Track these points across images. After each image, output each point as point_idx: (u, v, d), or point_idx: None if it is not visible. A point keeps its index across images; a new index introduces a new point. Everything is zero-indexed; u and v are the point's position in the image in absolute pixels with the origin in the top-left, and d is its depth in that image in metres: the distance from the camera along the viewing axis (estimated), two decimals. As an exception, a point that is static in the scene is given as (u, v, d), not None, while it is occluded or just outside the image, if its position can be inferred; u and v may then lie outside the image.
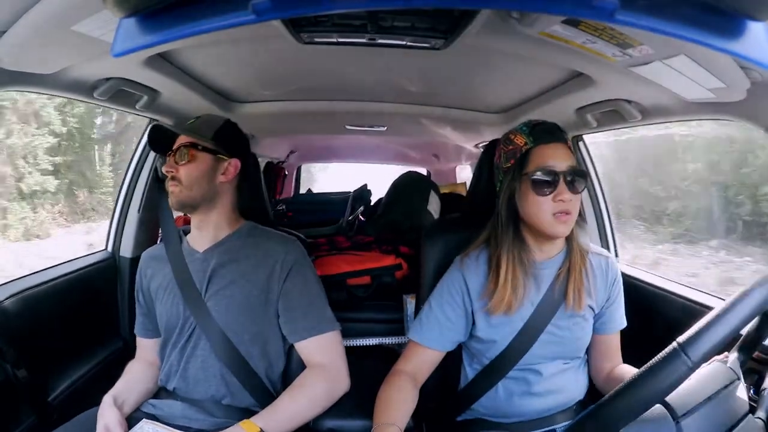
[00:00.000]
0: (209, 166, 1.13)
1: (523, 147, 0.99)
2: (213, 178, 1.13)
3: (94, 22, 0.78)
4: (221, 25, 0.49)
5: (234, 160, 1.16)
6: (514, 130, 1.03)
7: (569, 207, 0.96)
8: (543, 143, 0.97)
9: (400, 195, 2.57)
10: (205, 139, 1.14)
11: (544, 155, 0.97)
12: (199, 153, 1.12)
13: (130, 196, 1.74)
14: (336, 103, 1.82)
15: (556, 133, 0.99)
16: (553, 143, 0.97)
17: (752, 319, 0.71)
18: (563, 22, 0.76)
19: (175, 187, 1.11)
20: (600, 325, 1.09)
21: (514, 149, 1.00)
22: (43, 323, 1.32)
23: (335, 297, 1.91)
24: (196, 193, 1.11)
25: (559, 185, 0.95)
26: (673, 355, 0.63)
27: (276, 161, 3.55)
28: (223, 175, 1.14)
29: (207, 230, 1.15)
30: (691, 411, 0.66)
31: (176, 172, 1.11)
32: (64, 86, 1.14)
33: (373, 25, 0.94)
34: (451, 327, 1.06)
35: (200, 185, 1.11)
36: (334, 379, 1.09)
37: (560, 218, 0.96)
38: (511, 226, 1.02)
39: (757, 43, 0.50)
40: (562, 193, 0.95)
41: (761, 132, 1.00)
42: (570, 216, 0.97)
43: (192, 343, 1.10)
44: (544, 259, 1.05)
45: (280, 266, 1.12)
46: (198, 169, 1.11)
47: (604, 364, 1.10)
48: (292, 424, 1.01)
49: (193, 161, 1.11)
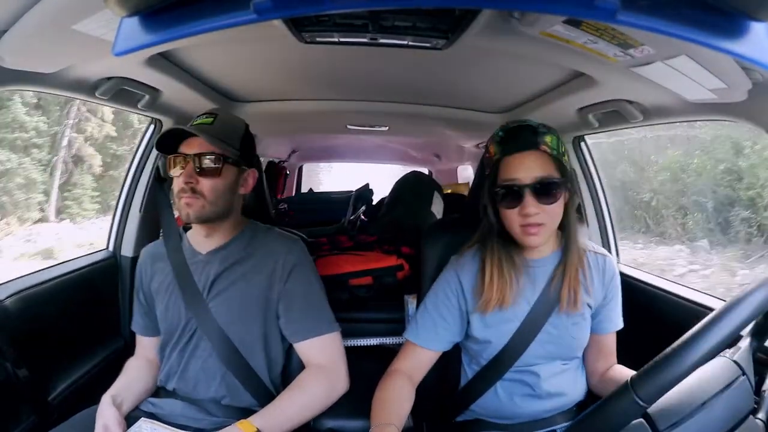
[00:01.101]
0: (234, 179, 1.08)
1: (494, 157, 0.98)
2: (235, 191, 1.09)
3: (95, 22, 0.78)
4: (222, 25, 0.49)
5: (252, 170, 1.13)
6: (493, 136, 1.02)
7: (536, 219, 0.94)
8: (509, 154, 0.96)
9: (403, 195, 2.57)
10: (234, 149, 1.05)
11: (510, 167, 0.95)
12: (227, 165, 1.05)
13: (131, 195, 1.74)
14: (337, 102, 1.82)
15: (527, 140, 0.96)
16: (520, 153, 0.95)
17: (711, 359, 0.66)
18: (564, 22, 0.76)
19: (194, 200, 1.02)
20: (595, 324, 1.09)
21: (489, 158, 1.00)
22: (44, 323, 1.32)
23: (337, 297, 1.92)
24: (221, 208, 1.06)
25: (525, 198, 0.93)
26: (624, 394, 0.62)
27: (278, 161, 3.56)
28: (242, 187, 1.11)
29: (214, 236, 1.13)
30: (677, 423, 0.64)
31: (197, 184, 1.02)
32: (66, 85, 1.14)
33: (374, 25, 0.94)
34: (446, 327, 1.06)
35: (225, 199, 1.06)
36: (334, 379, 1.08)
37: (528, 231, 0.95)
38: (495, 229, 1.02)
39: (758, 43, 0.50)
40: (527, 207, 0.93)
41: (762, 132, 1.00)
42: (541, 227, 0.95)
43: (193, 345, 1.10)
44: (537, 257, 1.05)
45: (282, 266, 1.11)
46: (225, 183, 1.05)
47: (598, 365, 1.10)
48: (291, 425, 1.01)
49: (221, 174, 1.03)
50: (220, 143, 1.02)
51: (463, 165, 3.60)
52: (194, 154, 1.02)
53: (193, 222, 1.07)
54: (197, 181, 1.02)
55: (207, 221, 1.07)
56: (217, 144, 1.02)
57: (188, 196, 1.02)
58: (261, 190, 1.37)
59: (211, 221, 1.08)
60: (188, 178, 1.02)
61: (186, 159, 1.03)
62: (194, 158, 1.02)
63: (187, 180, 1.02)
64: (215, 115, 1.08)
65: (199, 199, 1.03)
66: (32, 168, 8.87)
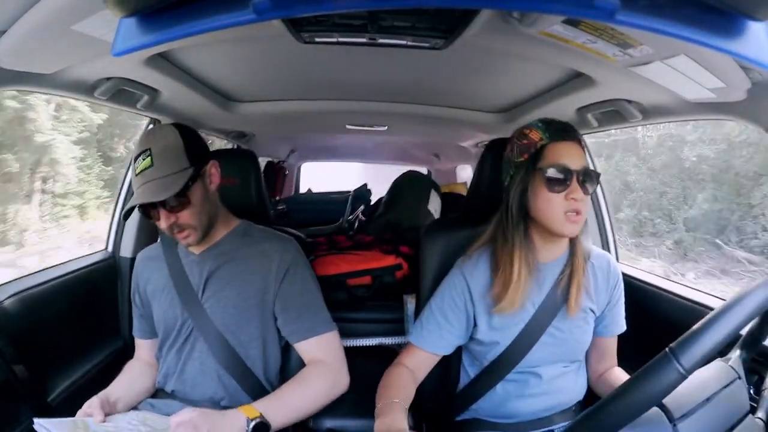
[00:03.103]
0: (202, 190, 1.06)
1: (539, 142, 0.97)
2: (209, 196, 1.08)
3: (94, 22, 0.77)
4: (221, 25, 0.49)
5: (211, 163, 1.09)
6: (529, 126, 1.01)
7: (580, 206, 0.95)
8: (558, 140, 0.96)
9: (400, 194, 2.57)
10: (185, 170, 1.01)
11: (559, 152, 0.96)
12: (191, 189, 1.02)
13: (130, 196, 1.73)
14: (336, 102, 1.82)
15: (572, 132, 0.98)
16: (568, 141, 0.97)
17: (750, 321, 0.70)
18: (564, 22, 0.76)
19: (184, 232, 1.04)
20: (601, 328, 1.09)
21: (528, 144, 0.98)
22: (43, 323, 1.32)
23: (336, 297, 1.92)
24: (208, 219, 1.07)
25: (572, 184, 0.94)
26: (664, 360, 0.62)
27: (276, 160, 3.55)
28: (211, 185, 1.10)
29: (206, 236, 1.12)
30: (688, 413, 0.65)
31: (177, 221, 1.02)
32: (65, 86, 1.14)
33: (373, 25, 0.94)
34: (451, 330, 1.05)
35: (206, 211, 1.07)
36: (335, 375, 1.08)
37: (571, 218, 0.95)
38: (521, 223, 1.01)
39: (757, 43, 0.50)
40: (575, 192, 0.94)
41: (762, 132, 1.00)
42: (580, 216, 0.96)
43: (189, 345, 1.10)
44: (547, 260, 1.04)
45: (277, 266, 1.11)
46: (197, 202, 1.04)
47: (598, 366, 1.11)
48: (292, 416, 1.01)
49: (191, 201, 1.02)
50: (172, 184, 0.98)
51: (461, 165, 3.60)
52: (159, 202, 1.00)
53: (195, 245, 1.09)
54: (176, 218, 1.02)
55: (206, 235, 1.09)
56: (171, 186, 0.98)
57: (177, 232, 1.04)
58: (260, 191, 1.37)
59: (208, 233, 1.09)
60: (167, 221, 1.02)
61: (155, 207, 1.02)
62: (160, 205, 1.01)
63: (167, 224, 1.02)
64: (148, 151, 1.00)
65: (187, 229, 1.04)
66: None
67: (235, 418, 0.91)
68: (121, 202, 1.74)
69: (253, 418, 0.92)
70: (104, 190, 7.52)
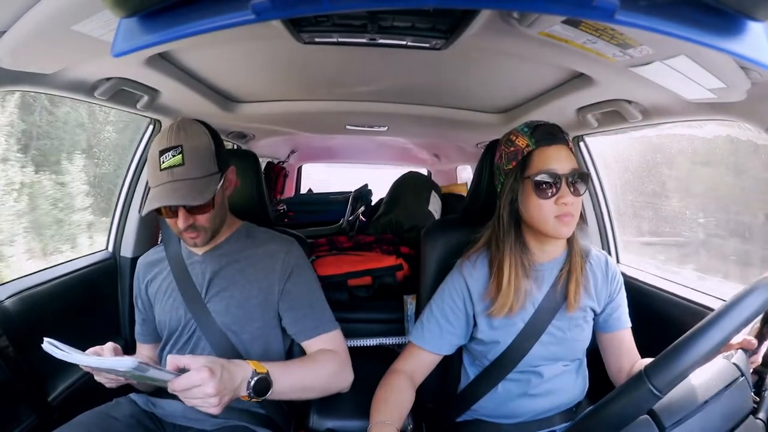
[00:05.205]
0: (222, 194, 1.08)
1: (525, 149, 0.98)
2: (224, 200, 1.10)
3: (94, 22, 0.78)
4: (221, 25, 0.48)
5: (230, 169, 1.11)
6: (515, 131, 1.01)
7: (571, 209, 0.95)
8: (544, 145, 0.97)
9: (401, 195, 2.57)
10: (213, 174, 1.01)
11: (546, 157, 0.96)
12: (215, 193, 1.01)
13: (130, 196, 1.74)
14: (336, 103, 1.82)
15: (558, 135, 0.98)
16: (555, 145, 0.97)
17: (726, 343, 0.67)
18: (563, 22, 0.76)
19: (198, 233, 1.04)
20: (607, 324, 1.09)
21: (515, 150, 0.99)
22: (44, 323, 1.32)
23: (336, 297, 1.92)
24: (219, 225, 1.09)
25: (562, 188, 0.95)
26: (639, 382, 0.62)
27: (276, 161, 3.55)
28: (227, 189, 1.11)
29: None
30: (681, 420, 0.64)
31: (195, 222, 1.02)
32: (65, 86, 1.14)
33: (373, 25, 0.94)
34: (451, 331, 1.06)
35: (221, 217, 1.08)
36: (343, 364, 1.09)
37: (563, 220, 0.95)
38: (512, 229, 1.01)
39: (757, 43, 0.49)
40: (564, 196, 0.94)
41: (761, 132, 1.00)
42: (572, 218, 0.96)
43: (192, 345, 1.10)
44: (545, 260, 1.05)
45: (281, 267, 1.11)
46: (217, 206, 1.05)
47: (622, 363, 1.08)
48: (295, 385, 0.99)
49: (212, 205, 1.03)
50: (205, 189, 0.98)
51: (462, 165, 3.60)
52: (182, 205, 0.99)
53: (202, 246, 1.09)
54: (195, 220, 1.02)
55: (213, 238, 1.10)
56: (205, 191, 0.97)
57: (190, 232, 1.03)
58: (260, 191, 1.37)
59: (216, 234, 1.10)
60: (185, 222, 1.01)
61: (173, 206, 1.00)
62: (182, 205, 1.00)
63: (185, 225, 1.01)
64: (180, 148, 0.98)
65: (201, 231, 1.04)
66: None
67: (242, 367, 0.90)
68: (122, 203, 1.74)
69: (259, 372, 0.91)
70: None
